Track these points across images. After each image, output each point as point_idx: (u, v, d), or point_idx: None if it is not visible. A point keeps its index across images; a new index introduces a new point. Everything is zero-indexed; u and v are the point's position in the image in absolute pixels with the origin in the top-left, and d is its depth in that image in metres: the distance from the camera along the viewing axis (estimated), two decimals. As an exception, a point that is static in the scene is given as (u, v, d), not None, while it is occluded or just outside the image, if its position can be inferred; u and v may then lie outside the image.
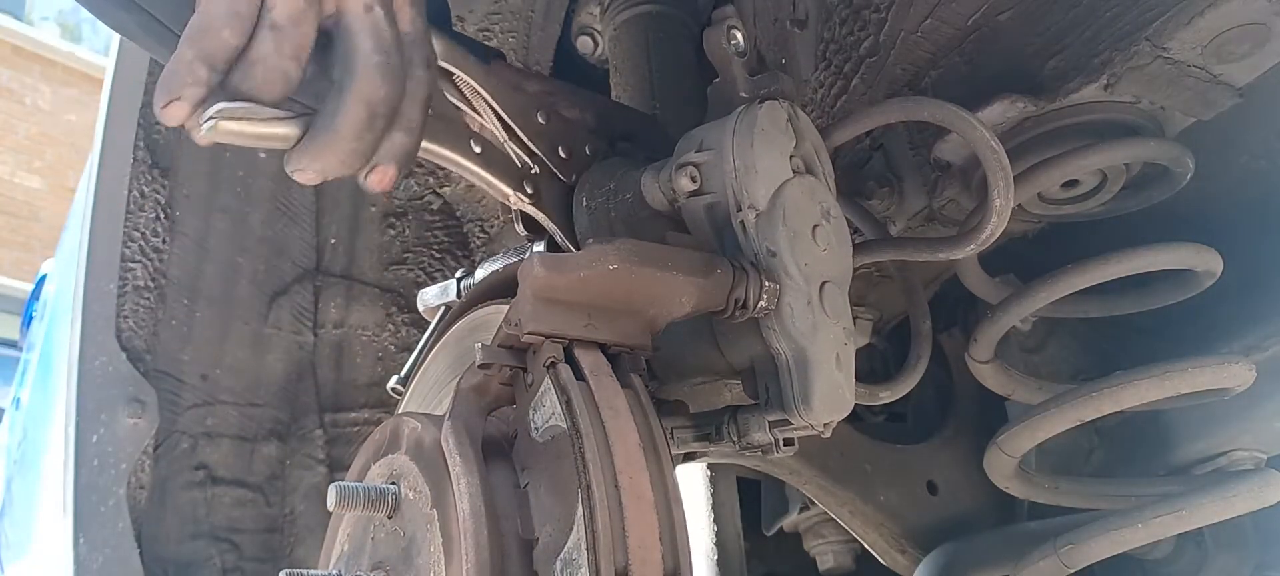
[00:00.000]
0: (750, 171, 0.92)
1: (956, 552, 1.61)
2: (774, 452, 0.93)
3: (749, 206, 0.92)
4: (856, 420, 1.77)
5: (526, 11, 1.52)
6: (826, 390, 0.89)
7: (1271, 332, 1.40)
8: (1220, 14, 1.08)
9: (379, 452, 0.85)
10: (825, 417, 0.89)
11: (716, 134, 0.95)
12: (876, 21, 1.32)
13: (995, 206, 1.05)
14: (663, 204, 0.98)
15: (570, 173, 1.07)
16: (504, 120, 1.00)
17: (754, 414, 0.92)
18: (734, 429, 0.93)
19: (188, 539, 1.76)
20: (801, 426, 0.90)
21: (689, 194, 0.94)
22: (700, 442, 0.96)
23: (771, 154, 0.94)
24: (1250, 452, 1.44)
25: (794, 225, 0.92)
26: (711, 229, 0.95)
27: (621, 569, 0.69)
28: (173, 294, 1.73)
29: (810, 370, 0.89)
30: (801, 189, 0.95)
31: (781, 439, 0.92)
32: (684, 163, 0.95)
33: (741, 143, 0.93)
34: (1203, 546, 1.55)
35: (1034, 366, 1.66)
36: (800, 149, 0.99)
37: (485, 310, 1.00)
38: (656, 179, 0.97)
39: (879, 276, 1.66)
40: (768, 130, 0.94)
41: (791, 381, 0.89)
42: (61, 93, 12.01)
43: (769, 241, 0.91)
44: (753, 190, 0.92)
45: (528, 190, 1.03)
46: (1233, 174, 1.44)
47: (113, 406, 1.62)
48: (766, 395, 0.91)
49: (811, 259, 0.93)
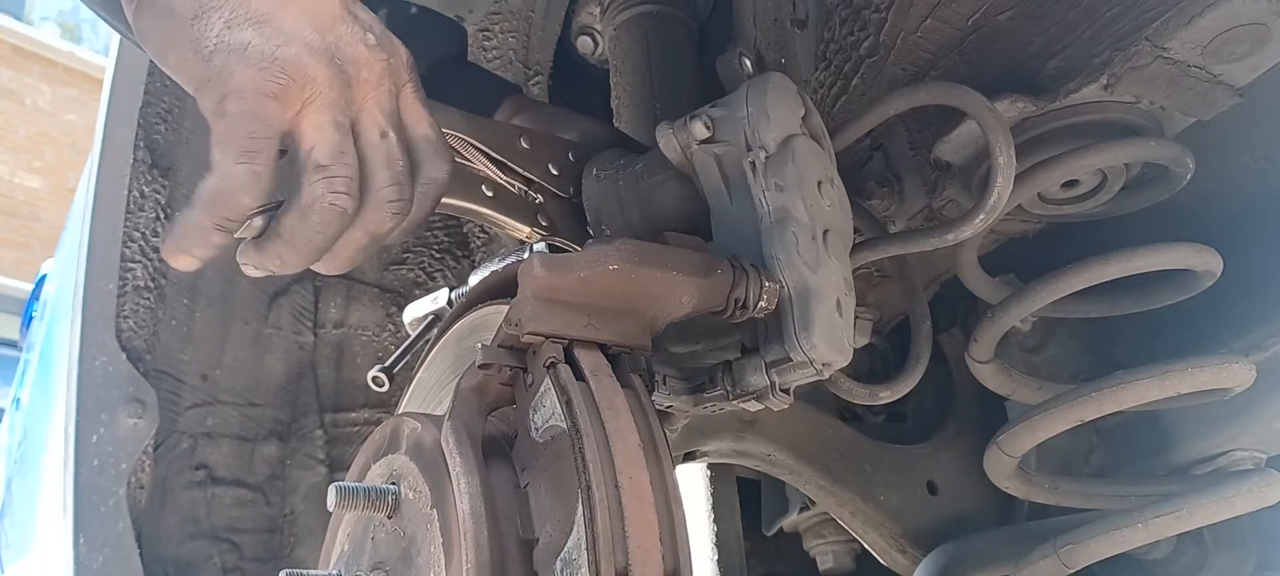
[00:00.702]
0: (763, 116, 0.95)
1: (956, 552, 1.61)
2: (770, 399, 0.92)
3: (760, 147, 0.94)
4: (856, 420, 1.78)
5: (526, 11, 1.52)
6: (828, 326, 0.89)
7: (1271, 332, 1.40)
8: (1220, 14, 1.08)
9: (379, 452, 0.85)
10: (826, 355, 0.89)
11: (730, 97, 0.99)
12: (876, 21, 1.32)
13: (999, 165, 1.05)
14: (676, 152, 0.99)
15: (567, 186, 1.09)
16: (494, 158, 1.03)
17: (750, 359, 0.92)
18: (728, 378, 0.93)
19: (188, 539, 1.76)
20: (801, 363, 0.89)
21: (701, 141, 0.96)
22: (691, 395, 0.96)
23: (783, 108, 0.97)
24: (1250, 452, 1.44)
25: (802, 171, 0.94)
26: (720, 176, 0.96)
27: (622, 569, 0.69)
28: (173, 294, 1.73)
29: (812, 302, 0.88)
30: (809, 147, 0.97)
31: (779, 383, 0.91)
32: (698, 113, 0.98)
33: (756, 94, 0.96)
34: (1203, 546, 1.55)
35: (1034, 366, 1.66)
36: (809, 121, 1.01)
37: (485, 310, 1.00)
38: (671, 128, 0.99)
39: (879, 277, 1.66)
40: (780, 89, 0.98)
41: (793, 313, 0.89)
42: (61, 93, 12.01)
43: (778, 177, 0.93)
44: (764, 134, 0.94)
45: (542, 223, 1.06)
46: (1233, 174, 1.44)
47: (113, 406, 1.62)
48: (765, 332, 0.91)
49: (817, 204, 0.95)
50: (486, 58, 1.61)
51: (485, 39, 1.59)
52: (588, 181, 1.08)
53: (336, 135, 0.79)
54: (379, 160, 0.82)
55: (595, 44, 1.52)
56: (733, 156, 0.95)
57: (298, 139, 0.78)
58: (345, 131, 0.80)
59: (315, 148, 0.78)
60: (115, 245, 1.64)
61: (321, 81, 0.77)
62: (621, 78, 1.35)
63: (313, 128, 0.78)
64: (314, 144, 0.78)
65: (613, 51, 1.40)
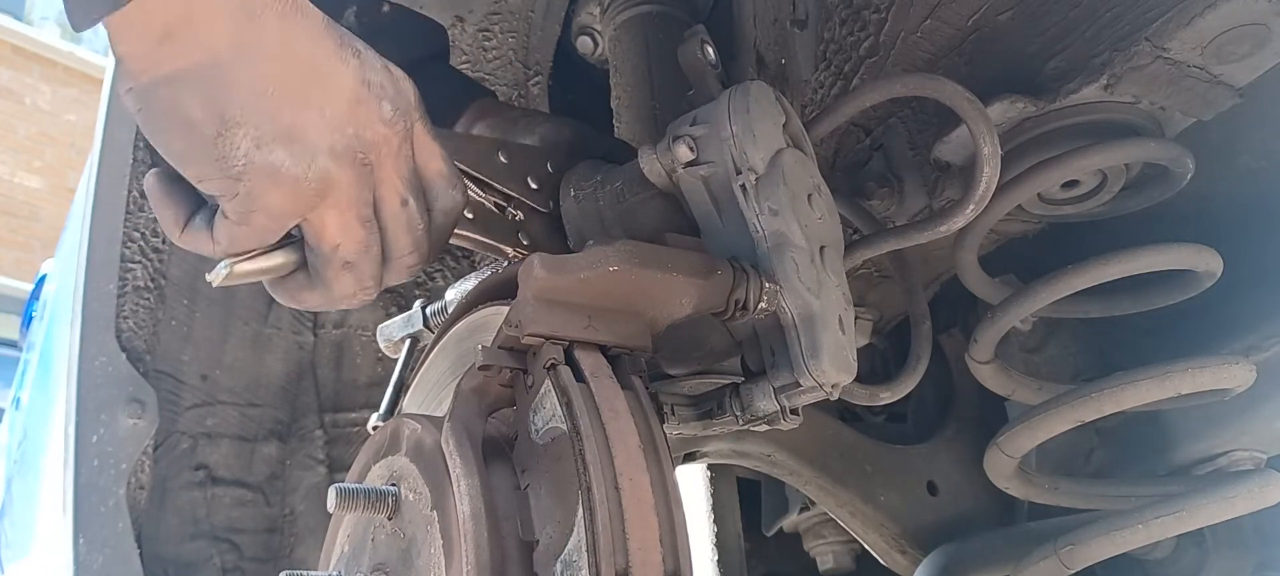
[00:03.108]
0: (748, 136, 0.93)
1: (956, 553, 1.61)
2: (780, 421, 0.91)
3: (749, 169, 0.92)
4: (856, 420, 1.78)
5: (526, 11, 1.52)
6: (835, 348, 0.89)
7: (1271, 332, 1.40)
8: (1220, 14, 1.08)
9: (379, 454, 0.85)
10: (834, 376, 0.89)
11: (709, 110, 0.97)
12: (876, 22, 1.32)
13: (983, 153, 1.06)
14: (661, 176, 0.98)
15: (546, 200, 1.07)
16: (474, 177, 1.01)
17: (758, 383, 0.91)
18: (737, 403, 0.92)
19: (188, 539, 1.76)
20: (810, 387, 0.89)
21: (686, 164, 0.95)
22: (701, 421, 0.96)
23: (766, 123, 0.96)
24: (1250, 453, 1.44)
25: (793, 188, 0.93)
26: (709, 198, 0.95)
27: (622, 570, 0.69)
28: (173, 294, 1.73)
29: (817, 326, 0.88)
30: (795, 159, 0.97)
31: (788, 406, 0.91)
32: (680, 133, 0.96)
33: (738, 111, 0.94)
34: (1203, 547, 1.55)
35: (1034, 366, 1.66)
36: (789, 127, 1.00)
37: (485, 311, 1.00)
38: (654, 151, 0.98)
39: (879, 277, 1.66)
40: (760, 101, 0.96)
41: (799, 339, 0.88)
42: (61, 93, 12.00)
43: (771, 200, 0.91)
44: (751, 154, 0.93)
45: (524, 241, 1.05)
46: (1233, 174, 1.44)
47: (113, 406, 1.62)
48: (772, 359, 0.91)
49: (810, 221, 0.94)
50: (486, 58, 1.61)
51: (485, 39, 1.59)
52: (566, 202, 1.06)
53: (362, 232, 0.81)
54: (400, 227, 0.84)
55: (595, 44, 1.52)
56: (720, 178, 0.94)
57: (321, 233, 0.80)
58: (370, 224, 0.82)
59: (341, 245, 0.80)
60: (115, 245, 1.64)
61: (345, 181, 0.78)
62: (621, 78, 1.35)
63: (338, 226, 0.80)
64: (339, 242, 0.80)
65: (613, 51, 1.40)
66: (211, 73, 0.70)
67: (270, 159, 0.73)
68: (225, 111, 0.71)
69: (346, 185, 0.78)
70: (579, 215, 1.05)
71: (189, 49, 0.69)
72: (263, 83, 0.72)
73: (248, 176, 0.73)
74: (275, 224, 0.77)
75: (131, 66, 0.70)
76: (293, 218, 0.78)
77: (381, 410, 1.07)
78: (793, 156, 0.96)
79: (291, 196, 0.75)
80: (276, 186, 0.74)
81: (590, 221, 1.05)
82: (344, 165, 0.77)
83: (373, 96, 0.79)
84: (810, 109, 1.43)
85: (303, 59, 0.74)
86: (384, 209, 0.83)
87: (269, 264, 0.82)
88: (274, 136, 0.73)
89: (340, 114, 0.77)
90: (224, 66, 0.70)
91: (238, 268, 0.80)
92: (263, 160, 0.73)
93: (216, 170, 0.73)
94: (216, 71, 0.70)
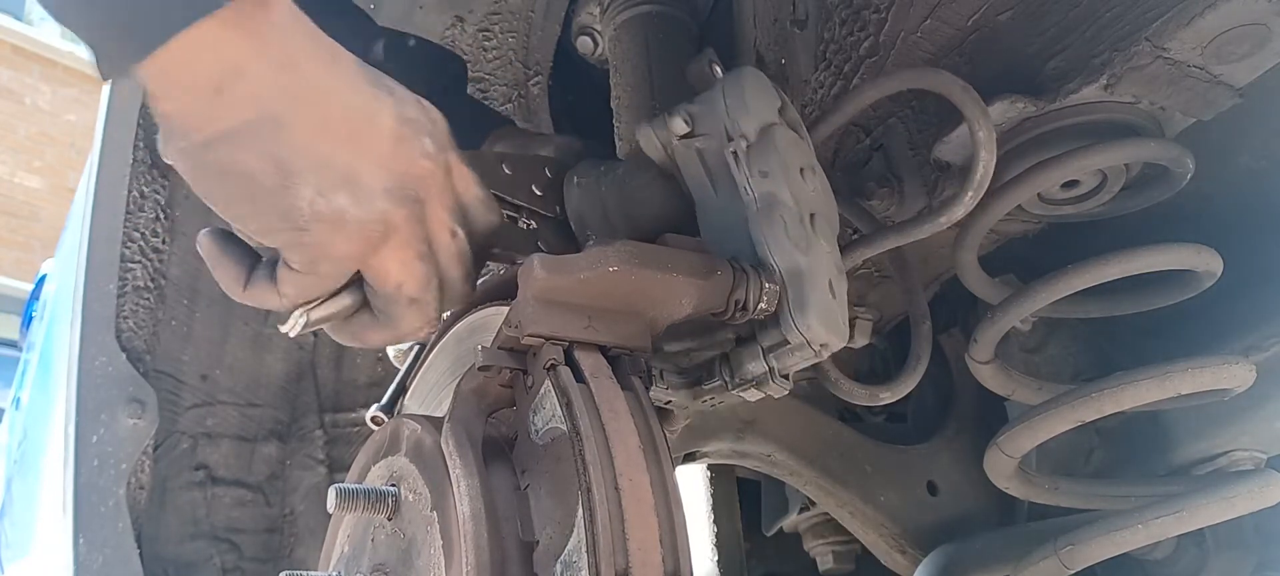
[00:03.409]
0: (741, 107, 0.96)
1: (956, 553, 1.61)
2: (769, 384, 0.92)
3: (741, 136, 0.95)
4: (856, 420, 1.78)
5: (526, 11, 1.52)
6: (823, 306, 0.89)
7: (1272, 333, 1.40)
8: (1220, 14, 1.08)
9: (379, 454, 0.85)
10: (823, 336, 0.89)
11: (706, 94, 1.00)
12: (876, 22, 1.32)
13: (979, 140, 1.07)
14: (657, 150, 1.00)
15: (552, 204, 1.09)
16: None
17: (747, 347, 0.93)
18: (726, 368, 0.94)
19: (188, 539, 1.76)
20: (798, 344, 0.89)
21: (681, 136, 0.98)
22: (689, 388, 0.97)
23: (761, 99, 0.98)
24: (1250, 453, 1.44)
25: (785, 158, 0.95)
26: (703, 170, 0.97)
27: (622, 571, 0.69)
28: (173, 294, 1.73)
29: (805, 283, 0.89)
30: (789, 135, 0.99)
31: (778, 369, 0.91)
32: (677, 109, 0.99)
33: (732, 86, 0.98)
34: (1203, 547, 1.55)
35: (1034, 367, 1.66)
36: (785, 114, 1.02)
37: (485, 312, 1.00)
38: (651, 126, 1.00)
39: (879, 276, 1.66)
40: (755, 82, 0.99)
41: (787, 296, 0.89)
42: (61, 93, 12.00)
43: (761, 164, 0.94)
44: (744, 123, 0.96)
45: (541, 248, 1.06)
46: (1233, 174, 1.44)
47: (113, 406, 1.62)
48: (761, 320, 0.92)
49: (802, 190, 0.95)
50: (486, 58, 1.60)
51: (485, 39, 1.59)
52: (569, 189, 1.08)
53: (423, 268, 0.82)
54: (453, 258, 0.86)
55: (595, 44, 1.52)
56: (714, 148, 0.96)
57: (385, 274, 0.80)
58: (428, 259, 0.83)
59: (404, 283, 0.81)
60: (115, 245, 1.64)
61: (402, 221, 0.79)
62: (621, 78, 1.35)
63: (399, 265, 0.80)
64: (402, 281, 0.81)
65: (613, 51, 1.40)
66: (269, 126, 0.69)
67: (334, 207, 0.73)
68: (287, 164, 0.70)
69: (404, 224, 0.79)
70: (581, 200, 1.07)
71: (244, 103, 0.67)
72: (316, 131, 0.71)
73: (313, 226, 0.73)
74: (341, 270, 0.78)
75: (182, 125, 0.68)
76: (357, 263, 0.78)
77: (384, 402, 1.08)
78: (786, 132, 0.99)
79: (357, 241, 0.76)
80: (341, 233, 0.74)
81: (593, 208, 1.06)
82: (399, 205, 0.78)
83: (412, 133, 0.79)
84: (810, 109, 1.43)
85: (346, 104, 0.74)
86: (437, 242, 0.84)
87: (337, 308, 0.82)
88: (335, 184, 0.73)
89: (386, 154, 0.77)
90: (279, 118, 0.69)
91: (312, 315, 0.80)
92: (326, 209, 0.73)
93: (282, 223, 0.72)
94: (273, 124, 0.69)
